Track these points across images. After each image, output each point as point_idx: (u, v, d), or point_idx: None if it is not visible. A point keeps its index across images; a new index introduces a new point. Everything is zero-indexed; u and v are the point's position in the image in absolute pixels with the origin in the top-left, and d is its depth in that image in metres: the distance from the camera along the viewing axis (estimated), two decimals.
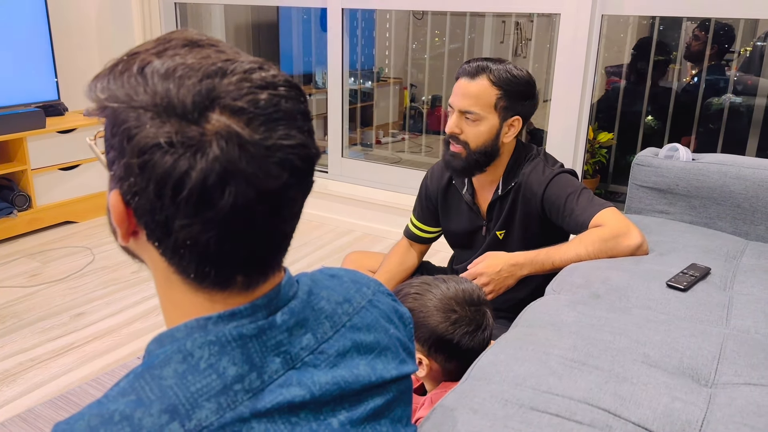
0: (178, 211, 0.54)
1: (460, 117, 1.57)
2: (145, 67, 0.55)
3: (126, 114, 0.54)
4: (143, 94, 0.54)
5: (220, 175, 0.52)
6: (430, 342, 1.19)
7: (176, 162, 0.52)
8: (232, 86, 0.54)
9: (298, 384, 0.60)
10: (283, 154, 0.55)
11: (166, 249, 0.57)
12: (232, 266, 0.58)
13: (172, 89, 0.53)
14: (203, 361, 0.56)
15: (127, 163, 0.54)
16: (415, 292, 1.23)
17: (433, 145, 4.46)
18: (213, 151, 0.52)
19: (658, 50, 3.24)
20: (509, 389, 0.91)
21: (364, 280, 0.76)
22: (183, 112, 0.53)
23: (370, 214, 3.36)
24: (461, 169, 1.60)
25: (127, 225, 0.59)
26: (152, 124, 0.53)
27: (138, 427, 0.53)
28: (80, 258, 2.98)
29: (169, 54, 0.56)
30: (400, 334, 0.75)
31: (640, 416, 0.87)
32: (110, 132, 0.56)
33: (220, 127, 0.53)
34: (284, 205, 0.57)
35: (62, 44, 3.60)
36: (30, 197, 3.20)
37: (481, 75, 1.54)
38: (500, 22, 4.13)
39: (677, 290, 1.28)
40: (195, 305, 0.60)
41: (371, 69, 4.66)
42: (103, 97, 0.56)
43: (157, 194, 0.53)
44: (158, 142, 0.52)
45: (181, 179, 0.52)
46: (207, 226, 0.54)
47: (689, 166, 1.75)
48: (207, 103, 0.53)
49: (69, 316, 2.43)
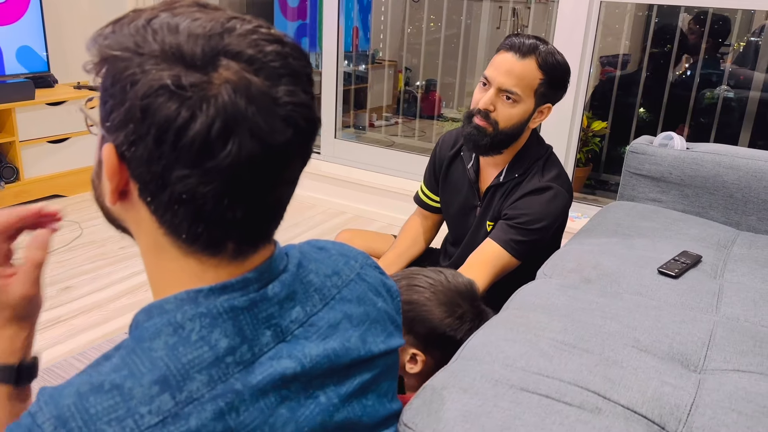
0: (177, 161, 0.52)
1: (497, 94, 1.47)
2: (153, 19, 0.54)
3: (130, 61, 0.53)
4: (152, 42, 0.53)
5: (226, 124, 0.51)
6: (430, 337, 1.11)
7: (181, 106, 0.51)
8: (242, 38, 0.54)
9: (288, 356, 0.60)
10: (288, 110, 0.54)
11: (159, 205, 0.55)
12: (226, 228, 0.57)
13: (181, 39, 0.53)
14: (194, 333, 0.56)
15: (129, 108, 0.52)
16: (409, 283, 1.15)
17: (427, 130, 4.44)
18: (221, 97, 0.51)
19: (661, 41, 3.23)
20: (499, 369, 0.91)
21: (351, 253, 0.76)
22: (192, 60, 0.52)
23: (362, 196, 3.35)
24: (484, 146, 1.51)
25: (118, 180, 0.56)
26: (158, 68, 0.51)
27: (128, 396, 0.52)
28: (68, 232, 2.95)
29: (178, 11, 0.55)
30: (388, 307, 0.75)
31: (630, 399, 0.87)
32: (110, 80, 0.54)
33: (229, 75, 0.52)
34: (285, 166, 0.56)
35: (53, 15, 3.54)
36: (18, 169, 3.16)
37: (531, 55, 1.43)
38: (497, 7, 4.11)
39: (668, 277, 1.28)
40: (185, 271, 0.59)
41: (366, 52, 4.62)
42: (106, 44, 0.55)
43: (157, 141, 0.52)
44: (165, 84, 0.51)
45: (185, 125, 0.51)
46: (206, 178, 0.53)
47: (683, 154, 1.75)
48: (216, 52, 0.52)
49: (56, 290, 2.41)
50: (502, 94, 1.46)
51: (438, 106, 4.51)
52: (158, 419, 0.52)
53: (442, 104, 4.52)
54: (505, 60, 1.45)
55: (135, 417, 0.51)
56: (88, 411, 0.51)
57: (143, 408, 0.52)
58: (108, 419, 0.51)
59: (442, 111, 4.53)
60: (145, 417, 0.52)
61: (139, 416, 0.52)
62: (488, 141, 1.49)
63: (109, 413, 0.51)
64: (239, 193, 0.55)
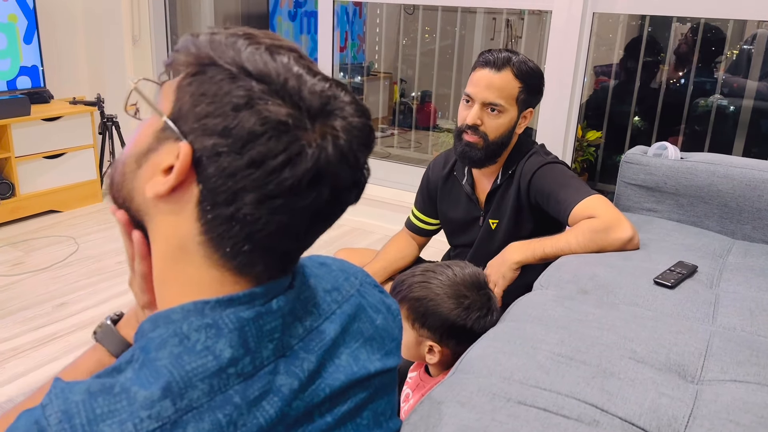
0: (260, 187, 0.55)
1: (482, 109, 1.55)
2: (267, 49, 0.57)
3: (243, 81, 0.55)
4: (272, 67, 0.56)
5: (319, 173, 0.56)
6: (443, 329, 1.19)
7: (291, 145, 0.55)
8: (344, 104, 0.59)
9: (285, 372, 0.60)
10: (359, 175, 0.61)
11: (217, 216, 0.57)
12: (269, 254, 0.59)
13: (303, 88, 0.56)
14: (200, 343, 0.56)
15: (233, 124, 0.55)
16: (421, 280, 1.22)
17: (422, 141, 4.45)
18: (325, 149, 0.56)
19: (648, 50, 3.25)
20: (497, 383, 0.91)
21: (352, 269, 0.76)
22: (308, 110, 0.56)
23: (359, 208, 3.31)
24: (479, 159, 1.59)
25: (182, 179, 0.57)
26: (276, 103, 0.55)
27: (133, 399, 0.53)
28: (64, 247, 2.94)
29: (279, 51, 0.58)
30: (387, 325, 0.75)
31: (627, 411, 0.87)
32: (213, 88, 0.56)
33: (333, 132, 0.57)
34: (336, 215, 0.62)
35: (48, 31, 3.55)
36: (13, 185, 3.16)
37: (506, 67, 1.53)
38: (491, 18, 4.13)
39: (664, 287, 1.28)
40: (203, 280, 0.60)
41: (361, 63, 4.64)
42: (215, 52, 0.57)
43: (250, 164, 0.55)
44: (284, 120, 0.55)
45: (286, 161, 0.55)
46: (278, 211, 0.56)
47: (678, 164, 1.76)
48: (325, 109, 0.57)
49: (52, 306, 2.40)
50: (486, 108, 1.55)
51: (434, 117, 4.52)
52: (157, 425, 0.52)
53: (437, 115, 4.54)
54: (483, 76, 1.54)
55: (135, 420, 0.52)
56: (95, 411, 0.52)
57: (144, 412, 0.52)
58: (111, 421, 0.52)
59: (438, 122, 4.54)
60: (144, 421, 0.52)
61: (139, 420, 0.52)
62: (482, 154, 1.57)
63: (113, 415, 0.52)
64: (297, 231, 0.59)
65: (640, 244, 1.47)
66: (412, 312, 1.21)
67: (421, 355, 1.24)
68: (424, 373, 1.32)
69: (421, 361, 1.26)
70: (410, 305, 1.21)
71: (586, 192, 1.49)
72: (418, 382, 1.32)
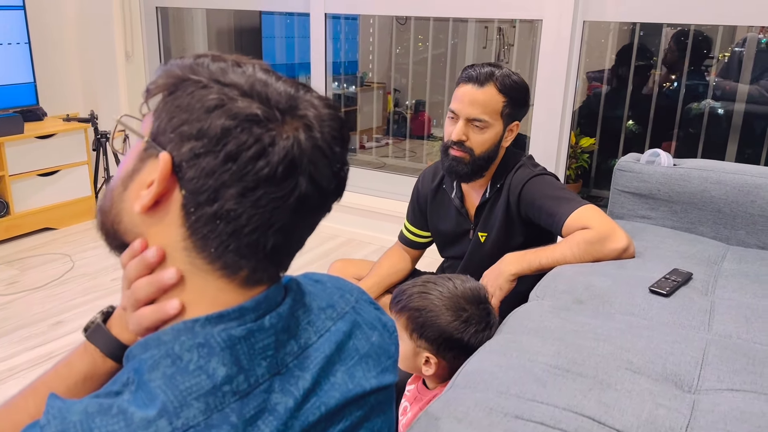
0: (239, 180, 0.56)
1: (467, 124, 1.56)
2: (242, 65, 0.61)
3: (212, 88, 0.58)
4: (242, 82, 0.59)
5: (293, 162, 0.58)
6: (440, 341, 1.19)
7: (263, 135, 0.57)
8: (312, 98, 0.61)
9: (281, 391, 0.60)
10: (337, 167, 0.62)
11: (201, 217, 0.58)
12: (251, 252, 0.60)
13: (269, 86, 0.59)
14: (192, 363, 0.57)
15: (207, 126, 0.57)
16: (421, 291, 1.22)
17: (417, 150, 4.46)
18: (297, 138, 0.58)
19: (639, 56, 3.27)
20: (494, 397, 0.91)
21: (347, 287, 0.76)
22: (276, 104, 0.58)
23: (354, 219, 3.35)
24: (466, 174, 1.59)
25: (164, 187, 0.58)
26: (243, 101, 0.57)
27: (130, 420, 0.53)
28: (59, 265, 2.93)
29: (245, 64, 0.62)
30: (383, 342, 0.75)
31: (624, 423, 0.87)
32: (186, 100, 0.58)
33: (303, 124, 0.59)
34: (319, 211, 0.63)
35: (41, 49, 3.55)
36: (7, 203, 3.15)
37: (488, 82, 1.53)
38: (483, 27, 4.15)
39: (660, 296, 1.28)
40: (186, 288, 0.61)
41: (355, 74, 4.65)
42: (183, 70, 0.60)
43: (227, 158, 0.56)
44: (255, 113, 0.57)
45: (261, 151, 0.56)
46: (259, 203, 0.57)
47: (671, 171, 1.76)
48: (293, 104, 0.59)
49: (47, 325, 2.39)
50: (471, 123, 1.56)
51: (428, 126, 4.53)
52: None
53: (432, 124, 4.55)
54: (467, 92, 1.55)
55: None
56: (92, 431, 0.52)
57: None
58: None
59: (432, 131, 4.55)
60: None
61: None
62: (468, 168, 1.58)
63: None
64: (281, 225, 0.60)
65: (635, 253, 1.47)
66: (410, 322, 1.21)
67: (418, 367, 1.24)
68: (422, 385, 1.31)
69: (418, 372, 1.26)
70: (409, 315, 1.21)
71: (578, 202, 1.48)
72: (416, 395, 1.31)
